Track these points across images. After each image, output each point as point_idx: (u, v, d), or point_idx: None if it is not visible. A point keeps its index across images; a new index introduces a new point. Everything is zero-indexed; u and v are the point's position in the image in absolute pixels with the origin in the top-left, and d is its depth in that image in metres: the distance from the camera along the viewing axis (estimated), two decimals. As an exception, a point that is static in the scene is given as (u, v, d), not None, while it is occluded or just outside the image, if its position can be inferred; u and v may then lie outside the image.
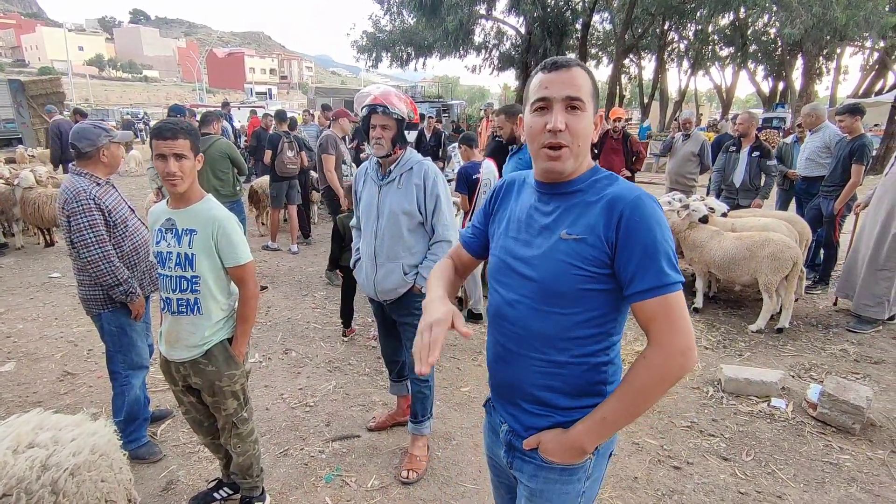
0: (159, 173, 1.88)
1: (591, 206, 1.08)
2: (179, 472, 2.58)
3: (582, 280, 1.06)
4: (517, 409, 1.21)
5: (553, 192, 1.15)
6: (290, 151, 6.28)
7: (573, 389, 1.13)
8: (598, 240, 1.05)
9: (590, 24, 20.40)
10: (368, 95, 2.34)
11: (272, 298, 5.04)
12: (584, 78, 1.09)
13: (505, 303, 1.19)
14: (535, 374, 1.15)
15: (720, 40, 24.33)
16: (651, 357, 1.03)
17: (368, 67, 22.37)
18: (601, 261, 1.05)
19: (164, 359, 2.07)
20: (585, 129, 1.09)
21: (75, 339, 4.06)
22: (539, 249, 1.12)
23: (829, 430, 2.93)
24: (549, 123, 1.06)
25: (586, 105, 1.08)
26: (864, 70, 24.35)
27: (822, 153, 5.22)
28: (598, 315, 1.10)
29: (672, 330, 1.01)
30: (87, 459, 1.50)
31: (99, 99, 56.35)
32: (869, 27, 14.59)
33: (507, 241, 1.21)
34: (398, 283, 2.39)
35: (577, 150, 1.09)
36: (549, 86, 1.08)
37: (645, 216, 1.02)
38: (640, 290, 1.02)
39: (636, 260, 1.01)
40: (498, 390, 1.28)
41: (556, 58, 1.12)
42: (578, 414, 1.13)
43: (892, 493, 2.43)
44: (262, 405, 3.17)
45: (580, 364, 1.12)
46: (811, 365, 3.67)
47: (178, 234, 1.93)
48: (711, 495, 2.44)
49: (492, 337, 1.26)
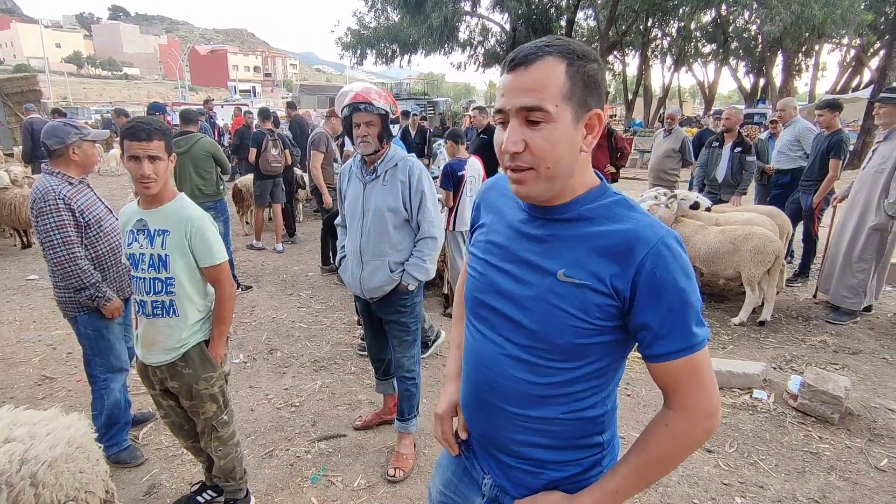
0: (132, 175, 1.83)
1: (596, 244, 0.87)
2: (162, 475, 2.54)
3: (583, 333, 0.88)
4: (500, 463, 1.04)
5: (544, 216, 0.93)
6: (275, 149, 6.22)
7: (563, 444, 0.97)
8: (605, 288, 0.86)
9: (574, 21, 20.50)
10: (348, 94, 2.31)
11: (257, 298, 4.98)
12: (555, 71, 0.82)
13: (484, 343, 1.00)
14: (517, 430, 0.98)
15: (702, 37, 24.62)
16: (674, 424, 0.89)
17: (353, 65, 22.23)
18: (609, 313, 0.87)
19: (141, 363, 2.03)
20: (556, 146, 0.84)
21: (54, 342, 3.98)
22: (530, 290, 0.92)
23: (809, 420, 2.98)
24: (503, 144, 0.86)
25: (554, 114, 0.82)
26: (841, 67, 24.86)
27: (792, 147, 5.37)
28: (599, 367, 0.93)
29: (699, 391, 0.87)
30: (64, 452, 1.51)
31: (78, 97, 55.24)
32: (846, 25, 14.87)
33: (489, 270, 1.00)
34: (384, 281, 2.38)
35: (547, 174, 0.86)
36: (505, 92, 0.85)
37: (671, 269, 0.83)
38: (663, 353, 0.86)
39: (659, 321, 0.84)
40: (476, 438, 1.10)
41: (520, 48, 0.85)
42: (572, 468, 0.99)
43: (870, 480, 2.49)
44: (247, 406, 3.13)
45: (574, 420, 0.95)
46: (792, 356, 3.73)
47: (150, 235, 1.89)
48: (696, 487, 2.47)
49: (466, 378, 1.07)
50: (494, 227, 1.03)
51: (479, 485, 1.10)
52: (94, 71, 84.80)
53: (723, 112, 5.69)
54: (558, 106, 0.83)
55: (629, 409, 3.09)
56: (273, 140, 6.23)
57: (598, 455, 1.01)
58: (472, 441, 1.13)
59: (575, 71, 0.83)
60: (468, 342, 1.07)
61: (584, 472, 1.00)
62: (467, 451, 1.15)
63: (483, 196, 1.13)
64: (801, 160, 5.34)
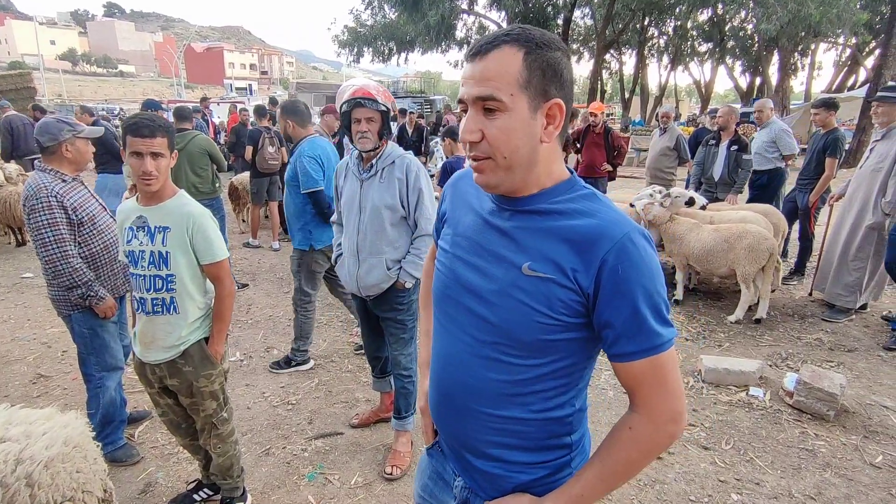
0: (133, 171, 1.82)
1: (562, 237, 0.85)
2: (158, 473, 2.53)
3: (549, 329, 0.86)
4: (469, 465, 1.02)
5: (512, 206, 0.91)
6: (272, 147, 6.20)
7: (532, 445, 0.96)
8: (569, 283, 0.84)
9: (571, 20, 20.51)
10: (350, 88, 2.30)
11: (253, 296, 4.97)
12: (511, 61, 0.81)
13: (451, 340, 0.98)
14: (486, 431, 0.96)
15: (699, 36, 24.69)
16: (638, 427, 0.87)
17: (350, 63, 22.17)
18: (574, 309, 0.85)
19: (139, 361, 2.01)
20: (511, 136, 0.83)
21: (49, 340, 3.95)
22: (495, 283, 0.90)
23: (804, 417, 2.99)
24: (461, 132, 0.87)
25: (508, 103, 0.81)
26: (837, 66, 24.97)
27: (768, 148, 5.39)
28: (566, 365, 0.91)
29: (662, 394, 0.86)
30: (60, 451, 1.49)
31: (72, 94, 54.92)
32: (841, 24, 14.94)
33: (456, 264, 0.97)
34: (381, 279, 2.37)
35: (505, 163, 0.85)
36: (464, 82, 0.85)
37: (634, 264, 0.81)
38: (626, 353, 0.84)
39: (622, 319, 0.82)
40: (445, 439, 1.08)
41: (480, 38, 0.85)
42: (541, 470, 0.97)
43: (865, 477, 2.50)
44: (244, 404, 3.12)
45: (542, 420, 0.94)
46: (788, 354, 3.74)
47: (150, 232, 1.88)
48: (692, 484, 2.47)
49: (434, 377, 1.05)
50: (462, 219, 1.01)
51: (451, 486, 1.09)
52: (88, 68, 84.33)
53: (718, 110, 5.70)
54: (513, 95, 0.81)
55: (604, 408, 3.09)
56: (270, 137, 6.21)
57: (567, 457, 0.99)
58: (442, 442, 1.11)
59: (533, 60, 0.82)
60: (435, 340, 1.04)
61: (552, 475, 0.98)
62: (438, 454, 1.13)
63: (451, 188, 1.10)
64: (778, 161, 5.39)
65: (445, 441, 1.08)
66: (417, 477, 1.22)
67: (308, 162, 3.27)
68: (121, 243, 1.96)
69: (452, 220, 1.04)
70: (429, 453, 1.17)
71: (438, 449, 1.13)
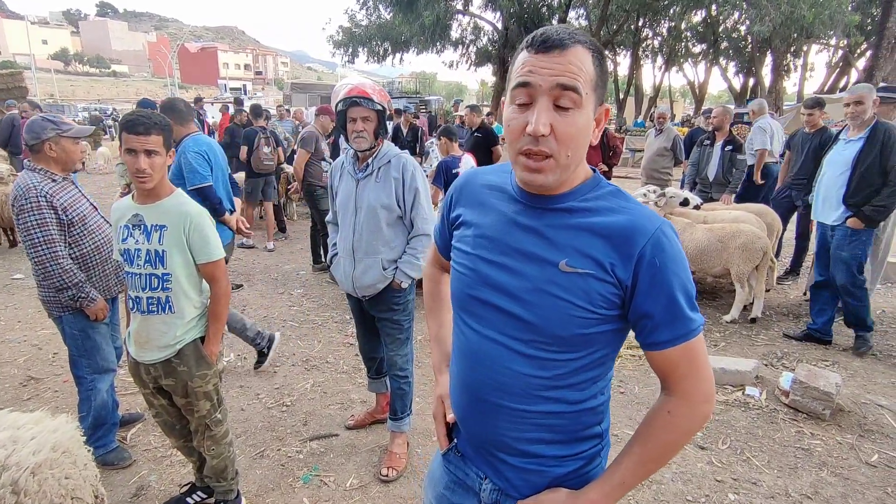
0: (128, 168, 1.80)
1: (597, 234, 0.87)
2: (151, 476, 2.50)
3: (588, 323, 0.88)
4: (501, 464, 1.00)
5: (541, 205, 0.92)
6: (267, 147, 6.19)
7: (566, 438, 0.97)
8: (608, 276, 0.86)
9: (566, 20, 20.53)
10: (346, 87, 2.28)
11: (248, 297, 4.93)
12: (586, 61, 0.82)
13: (479, 340, 0.97)
14: (521, 428, 0.96)
15: (693, 37, 24.79)
16: (676, 411, 0.90)
17: (345, 63, 22.13)
18: (611, 302, 0.87)
19: (134, 361, 1.99)
20: (580, 134, 0.84)
21: (39, 342, 3.90)
22: (529, 281, 0.90)
23: (800, 416, 3.00)
24: (530, 125, 0.82)
25: (584, 99, 0.82)
26: (829, 67, 25.15)
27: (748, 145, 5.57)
28: (600, 356, 0.93)
29: (696, 377, 0.89)
30: (48, 457, 1.45)
31: (65, 94, 54.49)
32: (833, 25, 15.03)
33: (479, 264, 0.97)
34: (377, 279, 2.35)
35: (565, 162, 0.84)
36: (534, 69, 0.82)
37: (669, 256, 0.85)
38: (663, 341, 0.87)
39: (660, 309, 0.85)
40: (472, 441, 1.06)
41: (549, 30, 0.82)
42: (575, 462, 0.98)
43: (860, 476, 2.50)
44: (238, 406, 3.09)
45: (577, 411, 0.95)
46: (783, 353, 3.75)
47: (146, 231, 1.86)
48: (689, 484, 2.47)
49: (459, 379, 1.04)
50: (482, 220, 1.00)
51: (476, 492, 1.06)
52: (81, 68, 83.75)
53: (712, 111, 5.73)
54: (587, 94, 0.83)
55: (622, 406, 3.08)
56: (265, 138, 6.19)
57: (598, 446, 1.01)
58: (466, 446, 1.08)
59: (599, 64, 0.84)
60: (460, 342, 1.03)
61: (585, 466, 0.99)
62: (457, 459, 1.10)
63: (460, 191, 1.08)
64: (752, 158, 5.53)
65: (471, 443, 1.06)
66: (429, 488, 1.18)
67: (194, 158, 3.27)
68: (115, 242, 1.93)
69: (470, 221, 1.02)
70: (446, 459, 1.13)
71: (457, 453, 1.10)
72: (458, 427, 1.09)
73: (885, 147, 3.44)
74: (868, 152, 3.49)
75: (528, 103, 0.84)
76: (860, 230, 3.58)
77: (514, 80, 0.86)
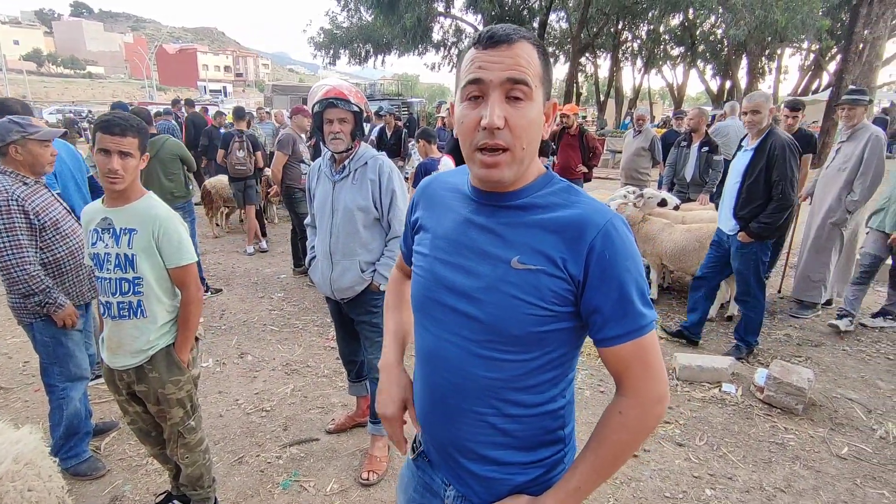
0: (99, 168, 1.76)
1: (548, 229, 0.87)
2: (125, 486, 2.45)
3: (541, 321, 0.87)
4: (463, 470, 0.99)
5: (496, 203, 0.92)
6: (240, 151, 6.06)
7: (528, 443, 0.96)
8: (559, 272, 0.85)
9: (546, 23, 20.72)
10: (322, 89, 2.27)
11: (227, 301, 4.87)
12: (532, 55, 0.84)
13: (438, 343, 0.96)
14: (481, 432, 0.95)
15: (671, 40, 25.19)
16: (627, 411, 0.89)
17: (326, 65, 21.99)
18: (564, 298, 0.86)
19: (107, 367, 1.95)
20: (532, 126, 0.84)
21: (9, 351, 3.80)
22: (482, 280, 0.89)
23: (774, 411, 3.06)
24: (484, 118, 0.82)
25: (534, 92, 0.83)
26: (802, 70, 25.80)
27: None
28: (557, 356, 0.92)
29: (648, 376, 0.88)
30: (9, 469, 1.42)
31: (38, 96, 53.17)
32: (805, 30, 15.44)
33: (436, 266, 0.96)
34: (355, 281, 2.34)
35: (521, 155, 0.85)
36: (484, 65, 0.83)
37: (620, 249, 0.85)
38: (614, 336, 0.87)
39: (610, 302, 0.85)
40: (436, 446, 1.05)
41: (495, 28, 0.84)
42: (536, 469, 0.97)
43: (831, 468, 2.57)
44: (216, 412, 3.05)
45: (537, 415, 0.94)
46: (758, 350, 3.83)
47: (115, 234, 1.82)
48: (667, 480, 2.50)
49: (422, 382, 1.03)
50: (440, 221, 1.00)
51: (442, 498, 1.06)
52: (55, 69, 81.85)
53: (685, 113, 5.83)
54: (536, 86, 0.84)
55: (602, 405, 3.11)
56: (240, 142, 6.08)
57: (561, 452, 1.00)
58: (431, 451, 1.08)
59: (543, 59, 0.87)
60: (421, 345, 1.02)
61: (547, 473, 0.99)
62: (425, 464, 1.10)
63: (423, 193, 1.09)
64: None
65: (435, 448, 1.05)
66: (401, 490, 1.18)
67: None
68: (86, 246, 1.90)
69: (428, 224, 1.03)
70: (416, 464, 1.13)
71: (426, 459, 1.10)
72: (423, 432, 1.09)
73: (770, 159, 3.27)
74: (756, 164, 3.34)
75: (480, 96, 0.84)
76: (749, 244, 3.44)
77: (464, 78, 0.86)
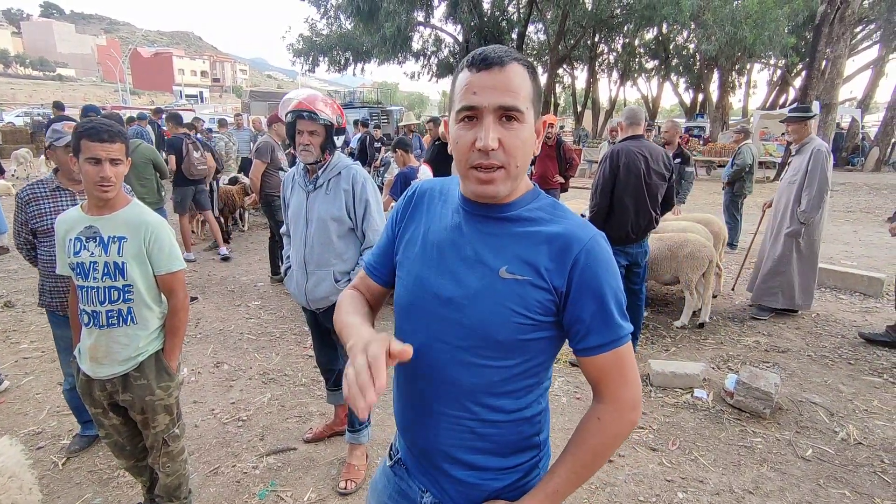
0: (90, 178, 1.72)
1: (535, 242, 0.91)
2: (95, 500, 2.39)
3: (525, 329, 0.91)
4: (441, 475, 1.01)
5: (486, 214, 0.96)
6: (196, 152, 5.99)
7: (505, 448, 0.99)
8: (544, 283, 0.90)
9: (525, 35, 21.06)
10: (293, 100, 2.27)
11: (202, 309, 4.79)
12: (523, 77, 0.87)
13: (421, 348, 0.96)
14: (458, 436, 0.97)
15: (646, 53, 25.89)
16: (604, 416, 0.94)
17: (305, 72, 21.91)
18: (547, 308, 0.91)
19: (86, 378, 1.90)
20: (524, 146, 0.88)
21: (-27, 361, 3.67)
22: (470, 288, 0.93)
23: (744, 415, 3.15)
24: (479, 141, 0.86)
25: (525, 114, 0.87)
26: (770, 85, 26.76)
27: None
28: (536, 364, 0.96)
29: (624, 384, 0.94)
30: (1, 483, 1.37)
31: (4, 97, 51.57)
32: (773, 46, 16.07)
33: (423, 272, 0.99)
34: (329, 291, 2.34)
35: (514, 172, 0.89)
36: (477, 90, 0.86)
37: (600, 263, 0.90)
38: (595, 346, 0.91)
39: (591, 314, 0.89)
40: (414, 451, 1.06)
41: (487, 50, 0.87)
42: (513, 475, 1.00)
43: (797, 470, 2.66)
44: (191, 422, 3.00)
45: (514, 420, 0.97)
46: (729, 356, 3.94)
47: (103, 243, 1.79)
48: (641, 484, 2.56)
49: (401, 387, 1.05)
50: (428, 230, 1.02)
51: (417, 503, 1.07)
52: (23, 70, 79.54)
53: (662, 126, 6.02)
54: (527, 108, 0.88)
55: (580, 412, 3.16)
56: (192, 143, 6.01)
57: (536, 457, 1.03)
58: (408, 458, 1.09)
59: (534, 79, 0.91)
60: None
61: (524, 478, 1.01)
62: (402, 471, 1.11)
63: (404, 203, 1.10)
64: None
65: (413, 453, 1.06)
66: (372, 497, 1.18)
67: None
68: (62, 255, 1.85)
69: (417, 230, 1.05)
70: (393, 471, 1.13)
71: (403, 466, 1.11)
72: (400, 438, 1.10)
73: None
74: None
75: (474, 117, 0.88)
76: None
77: (458, 102, 0.89)
